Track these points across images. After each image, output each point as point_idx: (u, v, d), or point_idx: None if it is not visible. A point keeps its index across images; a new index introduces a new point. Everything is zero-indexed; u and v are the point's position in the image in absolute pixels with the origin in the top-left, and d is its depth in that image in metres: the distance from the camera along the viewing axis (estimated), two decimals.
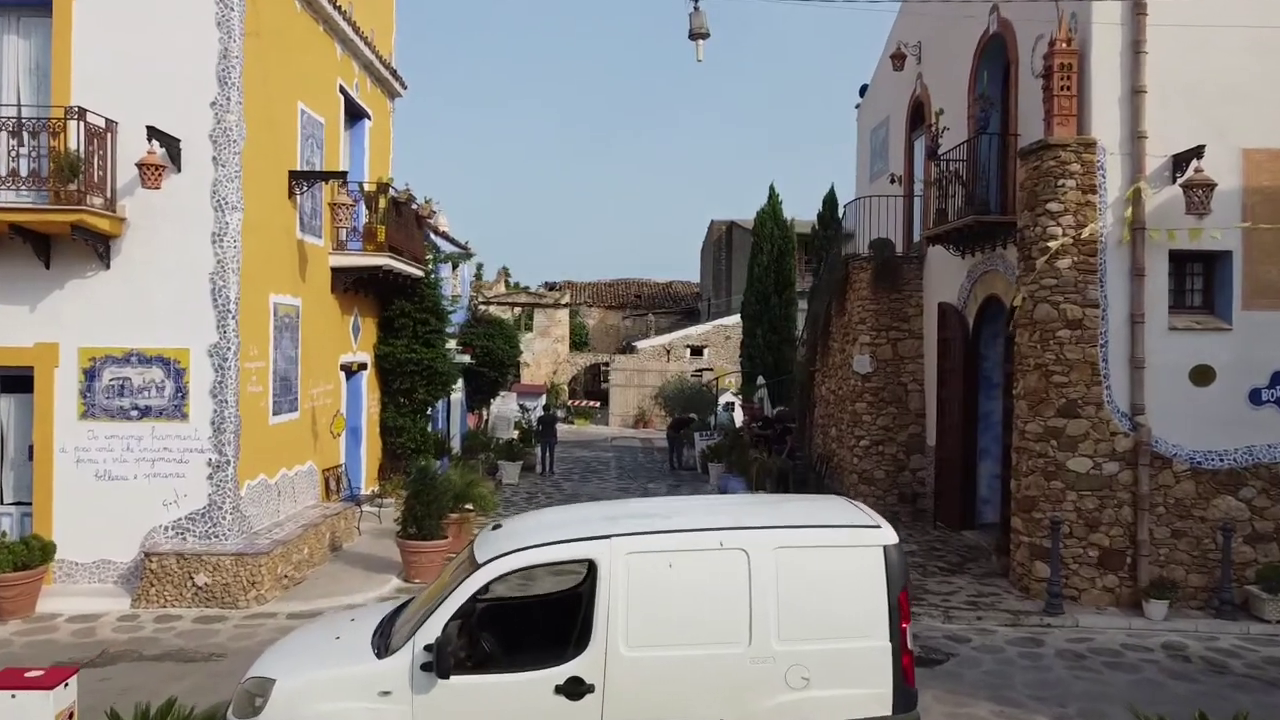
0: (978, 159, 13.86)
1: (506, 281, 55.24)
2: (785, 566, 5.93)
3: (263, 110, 12.01)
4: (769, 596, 5.89)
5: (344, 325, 15.70)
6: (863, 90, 21.89)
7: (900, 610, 5.98)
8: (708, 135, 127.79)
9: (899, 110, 18.59)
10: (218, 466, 11.29)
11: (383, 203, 15.06)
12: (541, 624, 7.09)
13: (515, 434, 27.93)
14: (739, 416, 30.70)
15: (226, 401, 11.29)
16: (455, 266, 25.83)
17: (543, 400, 36.75)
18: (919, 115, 17.69)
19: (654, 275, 59.02)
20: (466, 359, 25.36)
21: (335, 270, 14.92)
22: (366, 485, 16.88)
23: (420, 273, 17.08)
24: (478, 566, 6.00)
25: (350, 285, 15.45)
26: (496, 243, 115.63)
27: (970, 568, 12.93)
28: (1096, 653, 9.82)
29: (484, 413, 30.14)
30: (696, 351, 44.36)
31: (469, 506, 14.20)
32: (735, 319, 42.61)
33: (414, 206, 16.57)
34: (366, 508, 15.55)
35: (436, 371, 17.72)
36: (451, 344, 23.86)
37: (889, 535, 6.12)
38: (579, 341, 50.08)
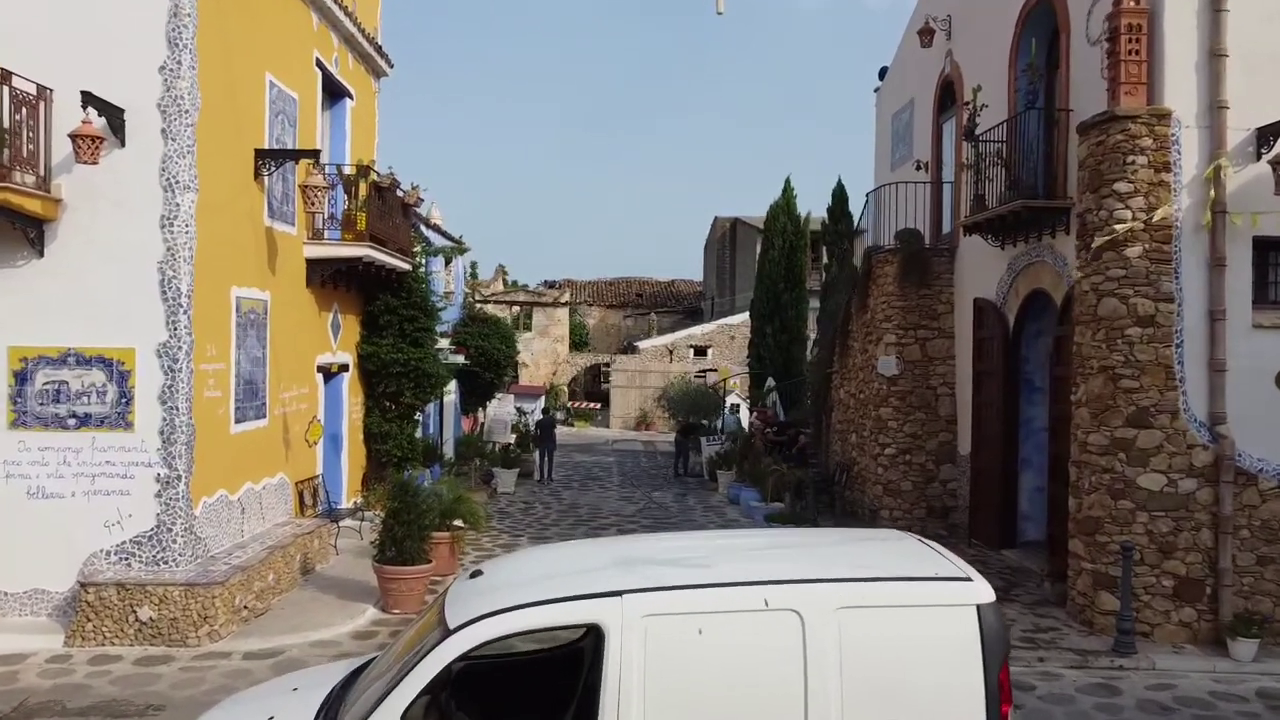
0: (1023, 137, 12.47)
1: (505, 280, 53.91)
2: (851, 633, 4.53)
3: (222, 79, 10.62)
4: (830, 672, 4.49)
5: (321, 322, 14.31)
6: (882, 73, 20.50)
7: (1001, 691, 4.58)
8: (711, 131, 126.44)
9: (925, 91, 17.19)
10: (167, 482, 9.89)
11: (363, 188, 13.66)
12: (536, 690, 5.69)
13: (513, 438, 26.56)
14: (745, 417, 29.30)
15: (178, 409, 9.89)
16: (448, 261, 24.43)
17: (541, 402, 35.37)
18: (949, 95, 16.30)
19: (656, 274, 57.60)
20: (460, 359, 23.98)
21: (311, 262, 13.52)
22: (348, 497, 15.49)
23: (407, 266, 15.68)
24: (449, 633, 4.59)
25: (328, 278, 14.05)
26: (496, 241, 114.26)
27: (1019, 594, 11.52)
28: (1184, 703, 8.42)
29: (479, 416, 28.76)
30: (700, 351, 42.99)
31: (459, 523, 12.81)
32: (740, 318, 41.29)
33: (399, 193, 15.17)
34: (346, 523, 14.15)
35: (425, 373, 16.32)
36: (444, 343, 22.49)
37: (983, 591, 4.70)
38: (579, 341, 48.69)
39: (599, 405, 44.67)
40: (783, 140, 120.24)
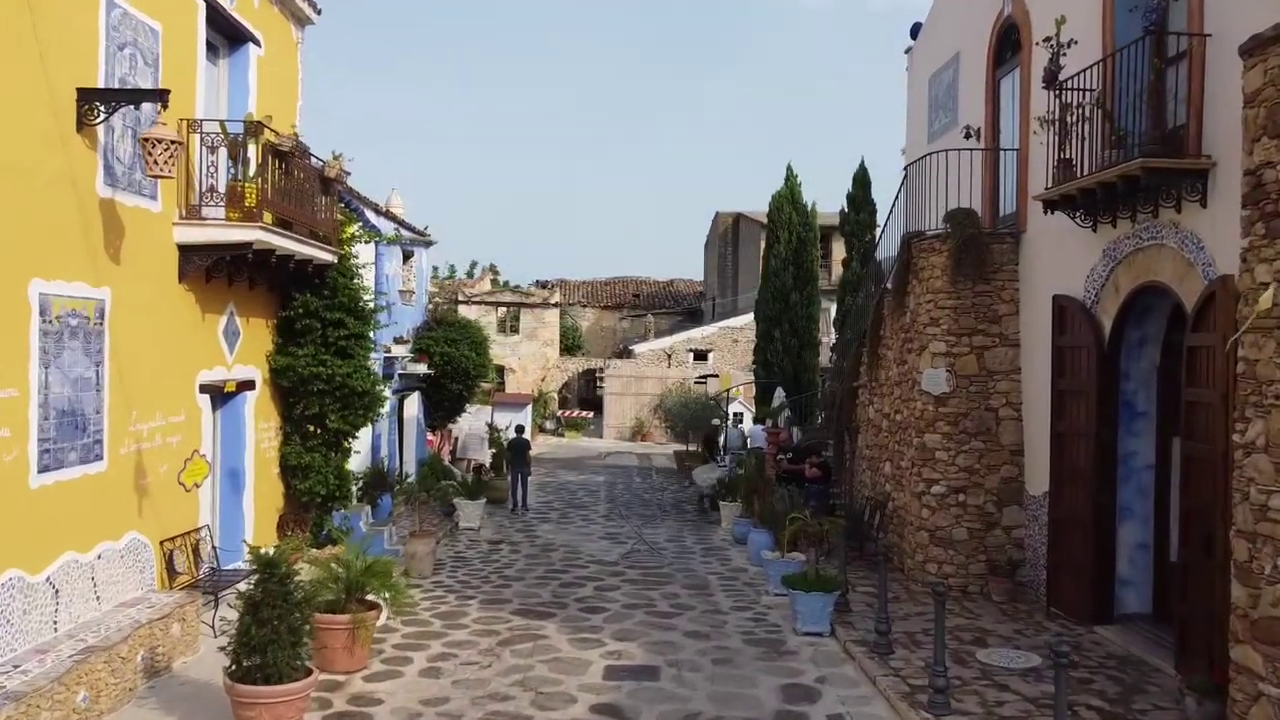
0: (1134, 78, 9.23)
1: (495, 280, 50.73)
2: None
3: None
4: None
5: (207, 329, 11.03)
6: (915, 30, 17.27)
7: None
8: (712, 128, 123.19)
9: (976, 42, 13.94)
10: None
11: (255, 151, 10.40)
12: None
13: (489, 455, 23.31)
14: (748, 426, 26.06)
15: None
16: (408, 256, 21.18)
17: (527, 413, 32.07)
18: (1009, 42, 13.07)
19: (654, 273, 54.40)
20: (422, 368, 20.76)
21: (186, 249, 10.25)
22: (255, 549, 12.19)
23: (329, 256, 12.41)
24: None
25: (217, 271, 10.82)
26: (489, 241, 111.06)
27: (1142, 708, 8.24)
28: None
29: (450, 432, 25.51)
30: (700, 356, 39.78)
31: (373, 597, 9.55)
32: (743, 319, 38.10)
33: (315, 163, 11.91)
34: (241, 588, 10.86)
35: (354, 391, 13.03)
36: (400, 349, 19.31)
37: None
38: (571, 345, 45.42)
39: (591, 414, 41.46)
40: (785, 139, 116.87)
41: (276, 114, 12.06)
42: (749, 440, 25.30)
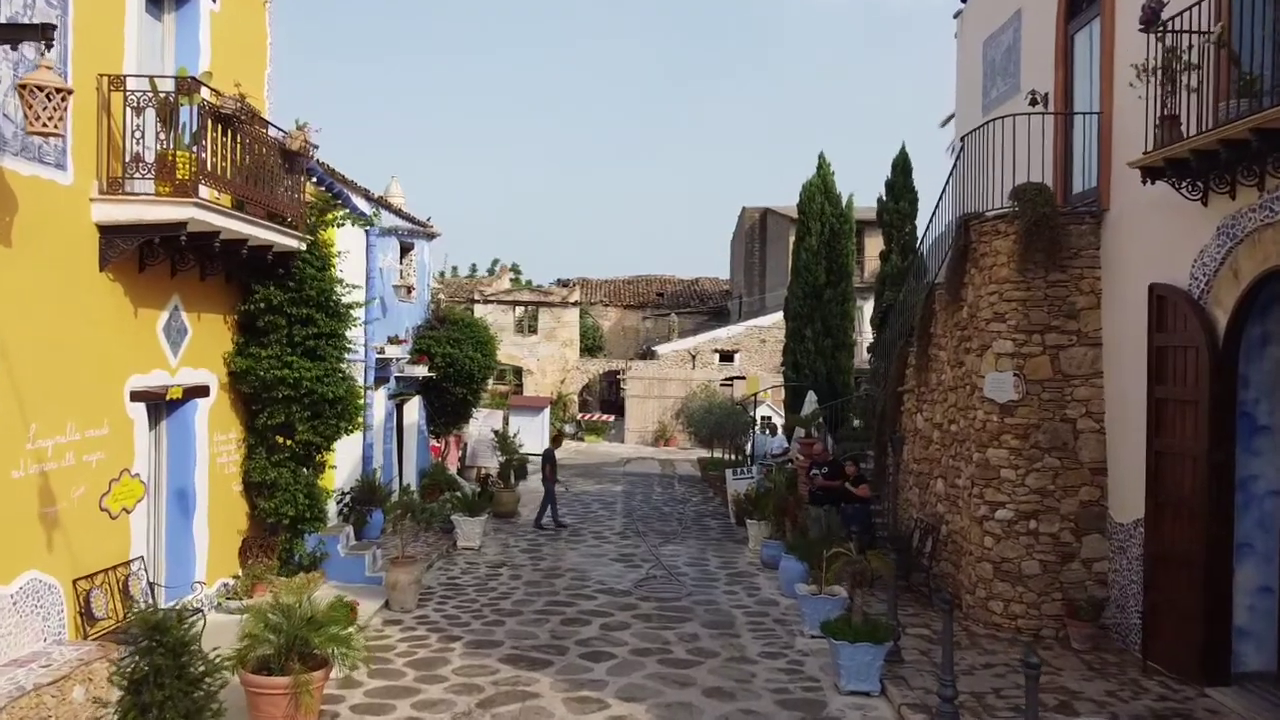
0: (1266, 9, 7.36)
1: (515, 278, 49.21)
2: None
3: None
4: None
5: (141, 326, 9.37)
6: None
7: None
8: (737, 125, 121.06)
9: None
10: None
11: (188, 107, 8.70)
12: None
13: (497, 464, 21.61)
14: (778, 441, 24.20)
15: None
16: (407, 249, 19.52)
17: (544, 416, 30.34)
18: None
19: (678, 271, 52.51)
20: (422, 370, 19.12)
21: (107, 229, 8.62)
22: (210, 581, 10.58)
23: (293, 243, 10.73)
24: None
25: (149, 257, 9.19)
26: (512, 240, 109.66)
27: None
28: None
29: (460, 438, 23.83)
30: (726, 357, 37.90)
31: (322, 652, 7.82)
32: (772, 319, 36.19)
33: (275, 134, 10.22)
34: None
35: (324, 398, 11.35)
36: (396, 350, 17.67)
37: None
38: (591, 345, 43.69)
39: (612, 417, 39.71)
40: (812, 134, 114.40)
41: (239, 81, 10.40)
42: (764, 436, 23.59)
